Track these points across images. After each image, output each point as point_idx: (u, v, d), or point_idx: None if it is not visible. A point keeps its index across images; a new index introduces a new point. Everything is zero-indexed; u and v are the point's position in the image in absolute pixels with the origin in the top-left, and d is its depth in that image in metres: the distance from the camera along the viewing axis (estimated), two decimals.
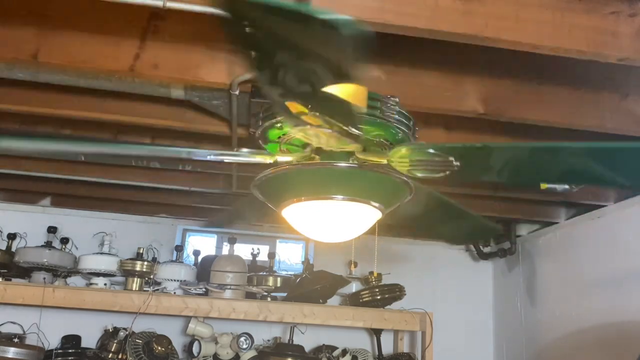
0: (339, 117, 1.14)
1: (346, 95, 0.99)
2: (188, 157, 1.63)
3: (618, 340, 2.80)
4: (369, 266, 3.65)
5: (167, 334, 3.18)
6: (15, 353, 2.95)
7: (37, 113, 2.26)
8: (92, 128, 2.47)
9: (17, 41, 1.82)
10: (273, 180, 1.42)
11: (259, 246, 3.80)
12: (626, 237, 2.85)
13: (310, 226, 1.49)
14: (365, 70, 0.90)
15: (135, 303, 3.07)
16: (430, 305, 3.44)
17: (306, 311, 3.25)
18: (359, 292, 3.60)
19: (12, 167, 2.97)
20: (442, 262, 4.18)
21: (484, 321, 4.12)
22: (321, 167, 1.39)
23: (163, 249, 3.73)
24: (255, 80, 1.95)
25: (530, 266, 3.72)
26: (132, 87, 1.96)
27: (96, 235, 3.58)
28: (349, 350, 3.37)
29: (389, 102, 1.37)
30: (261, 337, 3.54)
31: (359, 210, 1.41)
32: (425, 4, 1.51)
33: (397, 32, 1.54)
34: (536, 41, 1.56)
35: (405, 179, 1.39)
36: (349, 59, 0.87)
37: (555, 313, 3.37)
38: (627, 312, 2.76)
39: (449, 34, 1.53)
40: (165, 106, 2.22)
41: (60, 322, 3.35)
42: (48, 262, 3.25)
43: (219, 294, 3.32)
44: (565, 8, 1.58)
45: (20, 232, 3.48)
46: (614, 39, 1.59)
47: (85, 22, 1.81)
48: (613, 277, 2.91)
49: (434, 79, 2.01)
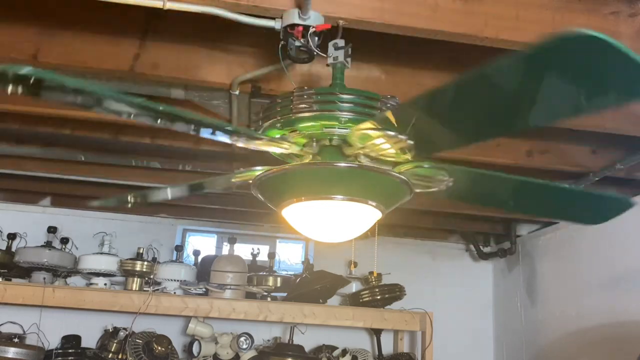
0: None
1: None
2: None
3: (618, 340, 2.80)
4: (369, 266, 3.65)
5: (167, 334, 3.18)
6: (15, 353, 2.95)
7: (37, 113, 2.26)
8: (92, 128, 2.47)
9: (17, 41, 1.82)
10: (273, 180, 1.42)
11: (259, 246, 3.81)
12: (626, 237, 2.85)
13: (310, 226, 1.49)
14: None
15: (135, 303, 3.07)
16: (430, 305, 3.44)
17: (306, 311, 3.25)
18: (359, 292, 3.60)
19: (12, 167, 2.97)
20: (442, 262, 4.18)
21: (484, 321, 4.12)
22: (321, 167, 1.39)
23: (163, 249, 3.73)
24: (256, 80, 1.96)
25: (530, 266, 3.72)
26: (132, 87, 1.96)
27: (96, 235, 3.57)
28: (349, 350, 3.37)
29: (389, 102, 1.37)
30: (261, 337, 3.54)
31: (358, 210, 1.41)
32: (425, 4, 1.52)
33: (397, 32, 1.54)
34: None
35: (405, 179, 1.39)
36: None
37: (555, 313, 3.37)
38: (627, 312, 2.76)
39: (449, 34, 1.54)
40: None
41: (60, 322, 3.35)
42: (48, 262, 3.24)
43: (219, 294, 3.32)
44: (565, 8, 1.58)
45: (20, 232, 3.48)
46: (614, 39, 1.59)
47: (85, 22, 1.81)
48: (613, 277, 2.91)
49: (434, 79, 2.01)
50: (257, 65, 1.88)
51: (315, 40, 1.45)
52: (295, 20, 1.44)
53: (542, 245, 3.61)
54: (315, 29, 1.45)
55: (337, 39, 1.44)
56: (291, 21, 1.44)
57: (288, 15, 1.45)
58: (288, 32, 1.45)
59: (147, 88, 1.97)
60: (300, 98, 1.34)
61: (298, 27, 1.44)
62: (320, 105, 1.34)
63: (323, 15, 1.47)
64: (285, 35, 1.46)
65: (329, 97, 1.35)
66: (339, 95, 1.34)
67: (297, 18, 1.43)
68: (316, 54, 1.46)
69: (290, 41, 1.44)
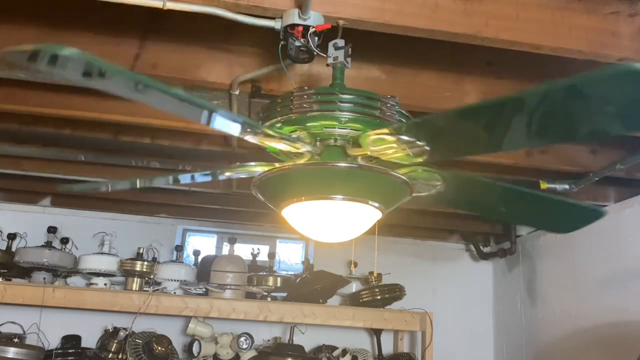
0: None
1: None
2: (191, 181, 1.65)
3: (618, 340, 2.80)
4: (369, 266, 3.65)
5: (167, 334, 3.18)
6: (15, 353, 2.95)
7: (37, 113, 2.26)
8: (92, 128, 2.47)
9: (17, 41, 1.82)
10: (273, 180, 1.42)
11: (259, 246, 3.80)
12: (626, 237, 2.85)
13: (310, 226, 1.49)
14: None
15: (135, 303, 3.07)
16: (430, 305, 3.44)
17: (306, 311, 3.24)
18: (359, 292, 3.60)
19: (12, 167, 2.97)
20: (442, 262, 4.18)
21: (484, 321, 4.12)
22: (321, 167, 1.39)
23: (163, 249, 3.73)
24: (256, 80, 1.96)
25: (530, 266, 3.72)
26: None
27: (96, 235, 3.57)
28: (349, 350, 3.37)
29: (388, 102, 1.37)
30: (261, 337, 3.54)
31: (358, 210, 1.41)
32: (425, 4, 1.52)
33: (397, 32, 1.54)
34: (536, 41, 1.56)
35: (405, 179, 1.39)
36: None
37: (555, 313, 3.37)
38: (627, 312, 2.76)
39: (449, 33, 1.54)
40: None
41: (60, 322, 3.35)
42: (48, 262, 3.24)
43: (219, 294, 3.32)
44: (565, 8, 1.58)
45: (20, 232, 3.48)
46: (614, 39, 1.59)
47: (85, 22, 1.81)
48: (613, 277, 2.91)
49: (434, 79, 2.01)
50: (257, 65, 1.89)
51: (315, 40, 1.45)
52: (295, 20, 1.44)
53: (542, 245, 3.61)
54: (315, 29, 1.45)
55: (337, 39, 1.44)
56: (291, 21, 1.44)
57: (288, 15, 1.45)
58: (288, 32, 1.45)
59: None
60: (300, 98, 1.34)
61: (298, 27, 1.44)
62: (320, 105, 1.34)
63: (323, 15, 1.47)
64: (285, 35, 1.46)
65: (329, 97, 1.35)
66: (339, 95, 1.34)
67: (297, 18, 1.43)
68: (316, 54, 1.46)
69: (290, 41, 1.44)
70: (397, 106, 1.39)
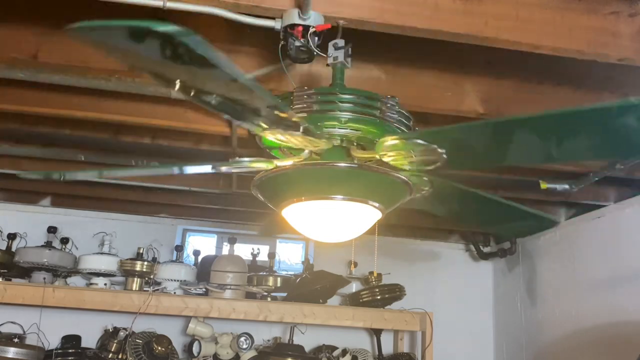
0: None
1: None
2: (181, 172, 1.65)
3: (618, 340, 2.79)
4: (369, 266, 3.65)
5: (167, 334, 3.18)
6: (15, 353, 2.95)
7: (37, 113, 2.26)
8: (91, 128, 2.47)
9: (17, 41, 1.82)
10: (273, 180, 1.42)
11: (259, 246, 3.80)
12: (626, 237, 2.85)
13: (310, 226, 1.49)
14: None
15: (135, 303, 3.07)
16: (430, 305, 3.44)
17: (306, 311, 3.24)
18: (359, 292, 3.60)
19: (12, 167, 2.97)
20: (442, 262, 4.18)
21: (484, 321, 4.12)
22: (321, 167, 1.39)
23: (163, 249, 3.73)
24: (256, 80, 1.95)
25: (530, 266, 3.72)
26: (132, 87, 1.96)
27: (96, 235, 3.57)
28: (349, 350, 3.37)
29: (388, 102, 1.37)
30: (261, 337, 3.54)
31: (358, 210, 1.41)
32: (425, 4, 1.52)
33: (397, 32, 1.54)
34: (536, 41, 1.56)
35: (405, 179, 1.39)
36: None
37: (555, 313, 3.37)
38: (627, 312, 2.76)
39: (449, 34, 1.54)
40: (165, 106, 2.22)
41: (60, 322, 3.35)
42: (48, 262, 3.24)
43: (219, 294, 3.32)
44: (565, 8, 1.58)
45: (20, 232, 3.47)
46: (614, 39, 1.59)
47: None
48: (613, 277, 2.91)
49: (434, 79, 2.01)
50: (257, 65, 1.88)
51: (315, 40, 1.45)
52: (295, 20, 1.44)
53: (542, 245, 3.61)
54: (315, 29, 1.45)
55: (337, 39, 1.44)
56: (291, 21, 1.44)
57: (288, 15, 1.45)
58: (288, 32, 1.45)
59: (147, 88, 1.97)
60: (300, 98, 1.34)
61: (298, 27, 1.44)
62: (321, 105, 1.34)
63: (323, 15, 1.47)
64: (285, 35, 1.46)
65: (329, 97, 1.35)
66: (339, 95, 1.34)
67: (297, 18, 1.43)
68: (316, 54, 1.46)
69: (290, 41, 1.44)
70: (397, 106, 1.39)
